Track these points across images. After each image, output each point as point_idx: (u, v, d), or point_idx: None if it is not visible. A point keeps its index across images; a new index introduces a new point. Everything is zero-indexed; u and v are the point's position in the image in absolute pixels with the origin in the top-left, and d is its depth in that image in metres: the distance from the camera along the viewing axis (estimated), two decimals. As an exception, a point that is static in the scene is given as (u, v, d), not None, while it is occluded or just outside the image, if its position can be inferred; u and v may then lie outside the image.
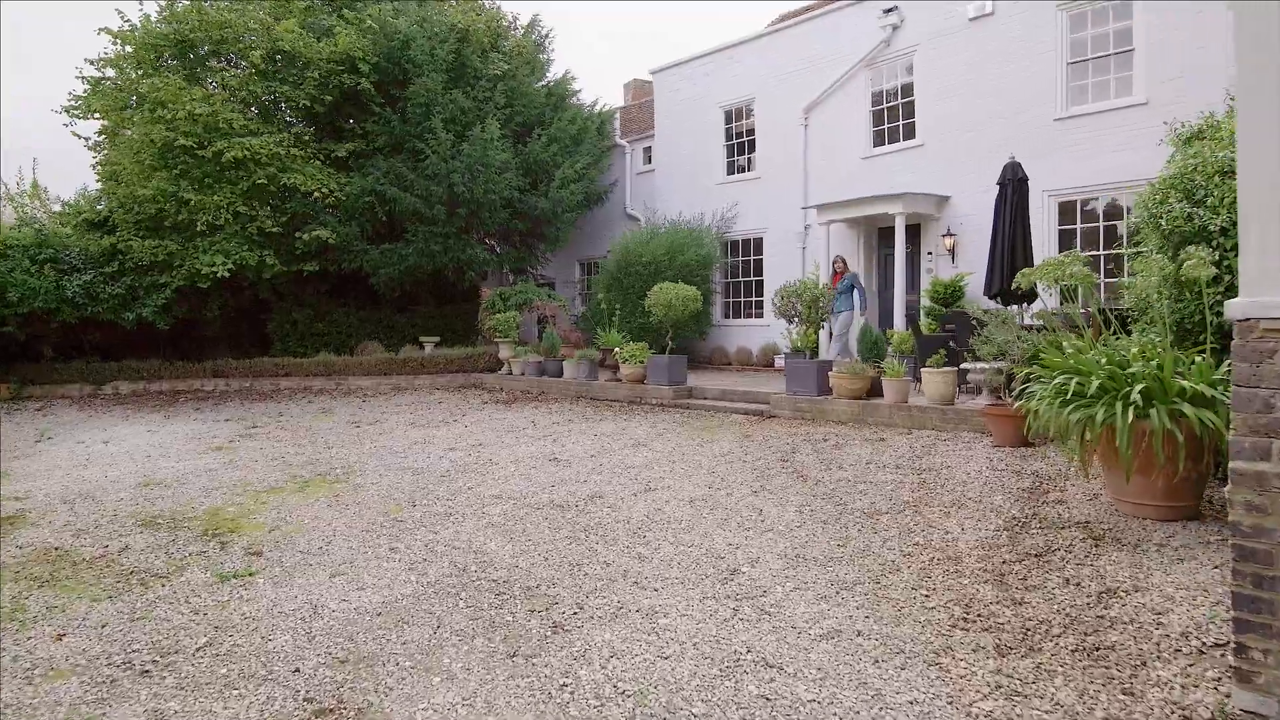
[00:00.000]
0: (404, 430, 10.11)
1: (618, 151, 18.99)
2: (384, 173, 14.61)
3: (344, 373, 15.11)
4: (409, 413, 11.80)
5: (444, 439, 9.26)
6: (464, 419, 10.91)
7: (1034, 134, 11.80)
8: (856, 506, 5.51)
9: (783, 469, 6.79)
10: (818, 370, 9.37)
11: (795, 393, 9.51)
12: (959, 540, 4.70)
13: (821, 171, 14.72)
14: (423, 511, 5.97)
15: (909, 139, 13.53)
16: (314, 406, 12.97)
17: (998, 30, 12.21)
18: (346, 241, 14.61)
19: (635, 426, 9.47)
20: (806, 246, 15.04)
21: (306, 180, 13.76)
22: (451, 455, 8.17)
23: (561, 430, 9.47)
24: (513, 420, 10.56)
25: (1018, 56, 11.99)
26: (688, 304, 11.32)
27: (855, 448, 7.46)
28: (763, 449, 7.69)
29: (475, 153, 14.10)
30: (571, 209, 16.15)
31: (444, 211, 14.53)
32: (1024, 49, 11.92)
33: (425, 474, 7.31)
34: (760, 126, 15.81)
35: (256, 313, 17.07)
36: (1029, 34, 11.85)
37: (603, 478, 6.81)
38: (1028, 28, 11.85)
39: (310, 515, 6.03)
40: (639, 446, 8.16)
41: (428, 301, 17.39)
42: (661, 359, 11.33)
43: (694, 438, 8.52)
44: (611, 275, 15.56)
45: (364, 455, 8.44)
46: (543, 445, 8.51)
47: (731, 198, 16.28)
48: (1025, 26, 11.88)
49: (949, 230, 12.82)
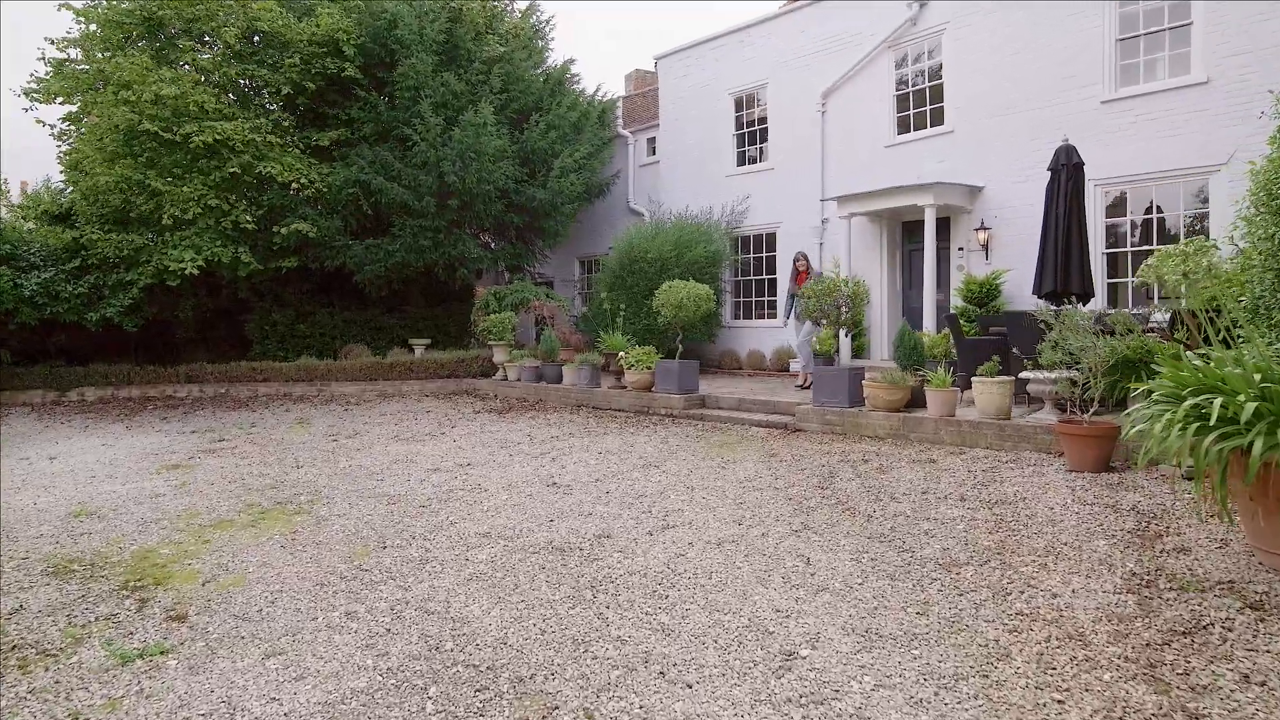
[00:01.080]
0: (385, 445, 9.06)
1: (620, 143, 17.95)
2: (369, 162, 13.55)
3: (326, 378, 14.05)
4: (393, 423, 10.74)
5: (428, 457, 8.21)
6: (453, 431, 9.86)
7: (1078, 118, 10.77)
8: (927, 554, 4.46)
9: (823, 499, 5.75)
10: (850, 379, 8.33)
11: (823, 404, 8.47)
12: (1074, 607, 3.66)
13: (840, 161, 13.68)
14: (394, 556, 4.92)
15: (937, 125, 12.49)
16: (291, 416, 11.91)
17: (1037, 5, 11.17)
18: (328, 236, 13.55)
19: (644, 442, 8.42)
20: (824, 242, 13.99)
21: (284, 170, 12.70)
22: (435, 478, 7.12)
23: (561, 446, 8.42)
24: (506, 433, 9.50)
25: (1060, 34, 10.96)
26: (700, 304, 10.28)
27: (904, 471, 6.42)
28: (794, 472, 6.64)
29: (467, 139, 13.04)
30: (571, 201, 15.10)
31: (434, 203, 13.48)
32: (1067, 25, 10.89)
33: (402, 503, 6.26)
34: (773, 114, 14.77)
35: (235, 313, 16.01)
36: (1073, 9, 10.81)
37: (610, 509, 5.77)
38: (1071, 1, 10.82)
39: (258, 560, 4.97)
40: (650, 468, 7.12)
41: (418, 302, 16.33)
42: (671, 364, 10.29)
43: (712, 457, 7.48)
44: (614, 273, 14.52)
45: (336, 477, 7.38)
46: (539, 465, 7.46)
47: (742, 190, 15.24)
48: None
49: (982, 223, 11.78)
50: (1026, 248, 11.29)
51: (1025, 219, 11.37)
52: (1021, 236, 11.41)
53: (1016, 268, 11.33)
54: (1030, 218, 11.32)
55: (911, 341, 8.28)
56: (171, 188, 12.33)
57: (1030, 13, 11.22)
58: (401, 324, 16.08)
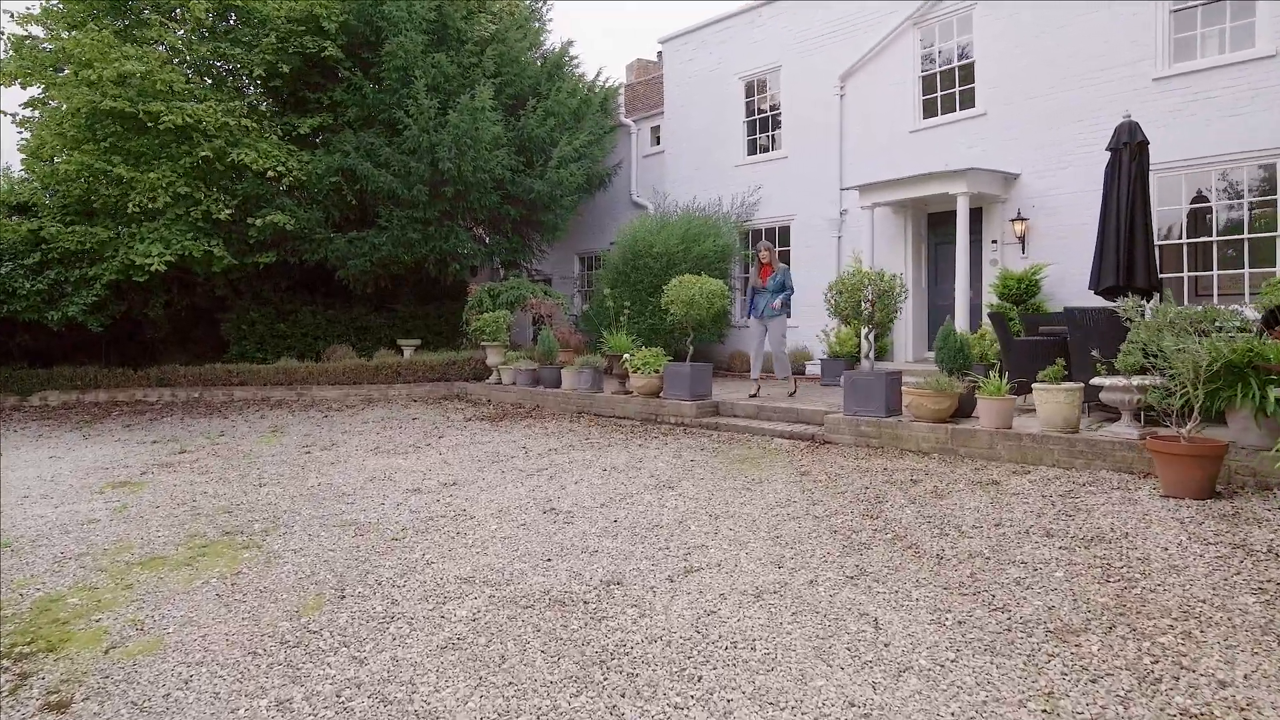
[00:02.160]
0: (362, 459, 8.08)
1: (622, 132, 16.98)
2: (355, 147, 12.55)
3: (307, 381, 13.07)
4: (375, 432, 9.76)
5: (409, 473, 7.23)
6: (439, 442, 8.88)
7: (1126, 98, 9.79)
8: (1027, 614, 3.50)
9: (875, 531, 4.78)
10: (887, 384, 7.36)
11: (856, 413, 7.51)
12: (1259, 704, 2.69)
13: (860, 148, 12.72)
14: (352, 611, 3.94)
15: (967, 108, 11.54)
16: (265, 423, 10.93)
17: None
18: (307, 228, 12.56)
19: (654, 456, 7.46)
20: (842, 235, 13.04)
21: (260, 157, 11.70)
22: (414, 501, 6.14)
23: (560, 461, 7.44)
24: (499, 444, 8.53)
25: (1104, 5, 10.00)
26: (713, 301, 9.31)
27: (964, 495, 5.45)
28: (833, 495, 5.67)
29: (464, 124, 12.05)
30: (571, 192, 14.12)
31: (426, 193, 12.49)
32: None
33: (373, 534, 5.28)
34: (787, 99, 13.81)
35: (213, 312, 15.01)
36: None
37: (620, 544, 4.79)
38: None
39: (184, 614, 4.00)
40: (663, 489, 6.15)
41: (408, 300, 15.34)
42: (682, 368, 9.32)
43: (734, 475, 6.51)
44: (617, 269, 13.56)
45: (301, 499, 6.40)
46: (535, 485, 6.49)
47: (753, 181, 14.28)
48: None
49: (1019, 214, 10.82)
50: (1068, 240, 10.37)
51: (1067, 209, 10.43)
52: (1062, 228, 10.47)
53: (1058, 262, 10.39)
54: (1072, 207, 10.39)
55: (956, 343, 7.31)
56: (138, 174, 11.32)
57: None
58: (390, 323, 15.10)
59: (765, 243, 9.78)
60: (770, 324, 9.48)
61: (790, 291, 9.53)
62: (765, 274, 9.51)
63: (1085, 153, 10.17)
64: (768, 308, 9.39)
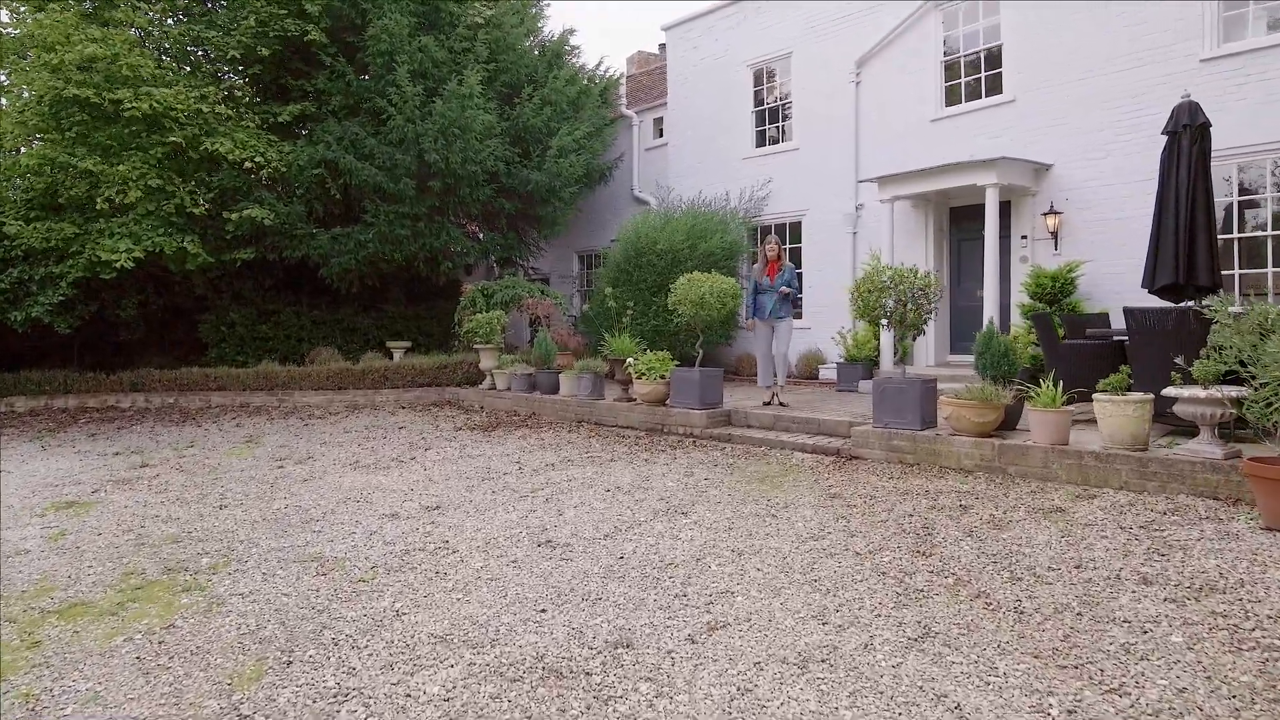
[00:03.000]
0: (339, 475, 7.30)
1: (623, 125, 16.22)
2: (337, 138, 11.79)
3: (289, 386, 12.29)
4: (357, 444, 8.99)
5: (389, 493, 6.46)
6: (426, 455, 8.11)
7: (1172, 80, 9.05)
8: (1153, 699, 2.73)
9: (932, 574, 4.01)
10: (922, 394, 6.60)
11: (887, 424, 6.74)
12: None
13: (877, 139, 11.97)
14: (297, 686, 3.17)
15: (994, 94, 10.78)
16: (240, 433, 10.15)
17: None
18: (288, 223, 11.78)
19: (662, 474, 6.69)
20: (858, 231, 12.28)
21: (236, 147, 10.91)
22: (390, 530, 5.37)
23: (558, 480, 6.67)
24: (490, 458, 7.76)
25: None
26: (725, 301, 8.54)
27: (1028, 527, 4.69)
28: (872, 524, 4.91)
29: (451, 112, 11.28)
30: (570, 185, 13.35)
31: (413, 186, 11.72)
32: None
33: (337, 572, 4.51)
34: (798, 87, 13.06)
35: (193, 312, 14.22)
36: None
37: (627, 588, 4.03)
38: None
39: (89, 689, 3.23)
40: (675, 514, 5.38)
41: (398, 300, 14.57)
42: (690, 374, 8.56)
43: (755, 497, 5.75)
44: (619, 267, 12.80)
45: (262, 525, 5.63)
46: (529, 509, 5.72)
47: (762, 174, 13.52)
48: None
49: (1051, 207, 10.06)
50: (1106, 235, 9.63)
51: (1104, 202, 9.68)
52: (1099, 222, 9.73)
53: (1095, 259, 9.64)
54: (1110, 200, 9.64)
55: (1000, 347, 6.55)
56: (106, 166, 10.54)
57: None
58: (378, 325, 14.32)
59: (774, 236, 9.01)
60: (778, 325, 8.71)
61: (796, 291, 8.78)
62: (772, 271, 8.73)
63: (1126, 141, 9.43)
64: (775, 307, 8.64)
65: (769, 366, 8.90)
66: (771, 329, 8.78)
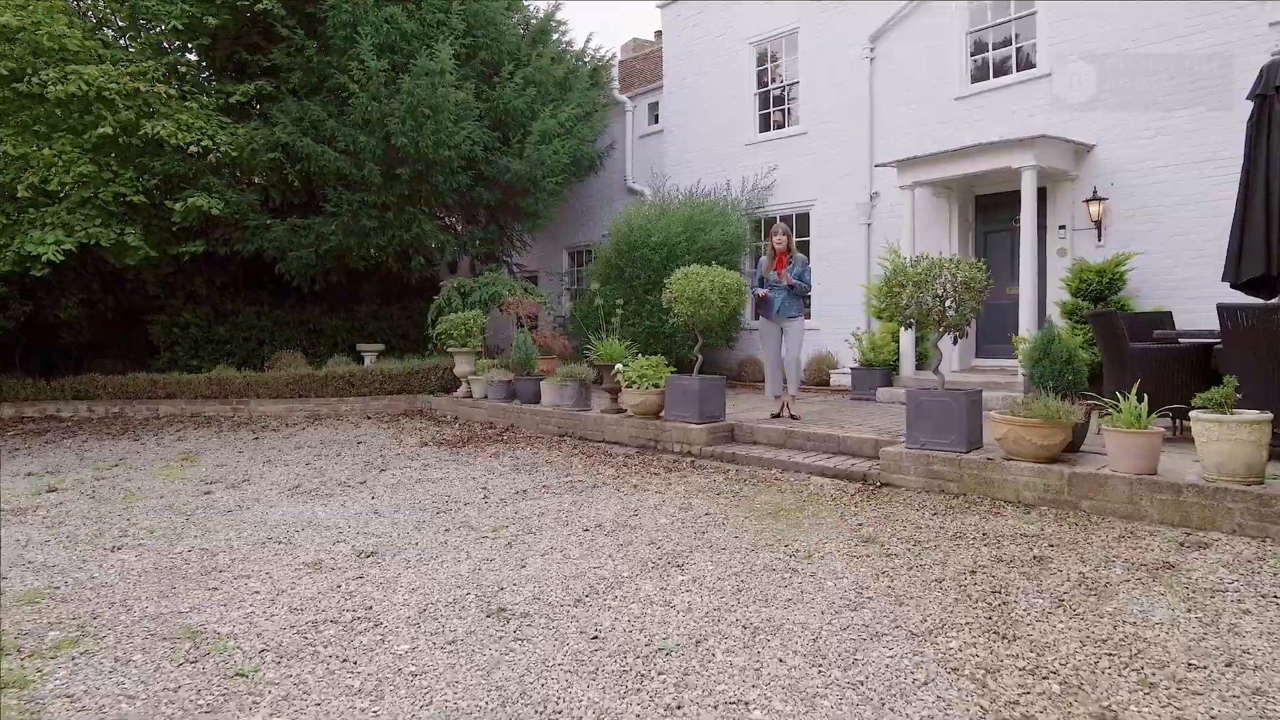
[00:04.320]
0: (270, 504, 6.15)
1: (616, 111, 15.08)
2: (295, 119, 10.63)
3: (244, 394, 11.13)
4: (305, 463, 7.84)
5: (323, 530, 5.31)
6: (379, 479, 6.96)
7: (1236, 46, 7.96)
8: None
9: (1026, 672, 2.87)
10: (967, 408, 5.47)
11: (924, 445, 5.61)
12: None
13: (894, 121, 10.85)
14: None
15: (1026, 68, 9.67)
16: (180, 447, 9.00)
17: (1174, -102, 8.38)
18: (239, 213, 10.62)
19: (654, 505, 5.55)
20: (872, 222, 11.16)
21: (179, 130, 9.75)
22: (305, 587, 4.22)
23: (528, 513, 5.53)
24: (453, 482, 6.62)
25: (1210, -67, 8.16)
26: (728, 298, 7.40)
27: (1136, 594, 3.54)
28: (924, 583, 3.78)
29: (420, 90, 10.13)
30: (555, 174, 12.20)
31: (378, 173, 10.57)
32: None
33: (212, 659, 3.35)
34: (806, 66, 11.94)
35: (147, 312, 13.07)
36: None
37: (600, 695, 2.88)
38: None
39: None
40: (668, 567, 4.24)
41: (370, 299, 13.43)
42: (688, 382, 7.42)
43: (768, 540, 4.61)
44: (610, 262, 11.68)
45: (151, 576, 4.47)
46: (486, 556, 4.57)
47: (766, 161, 12.40)
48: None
49: (1095, 193, 8.94)
50: (1158, 224, 8.54)
51: (1155, 186, 8.58)
52: (1150, 209, 8.63)
53: (1147, 250, 8.53)
54: (1163, 183, 8.53)
55: (1063, 353, 5.42)
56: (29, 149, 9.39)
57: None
58: (349, 326, 13.18)
59: (782, 225, 7.79)
60: (788, 326, 7.56)
61: (807, 285, 7.62)
62: (780, 264, 7.58)
63: (1184, 116, 8.32)
64: (784, 305, 7.50)
65: (778, 374, 7.75)
66: (780, 330, 7.64)
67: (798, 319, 7.57)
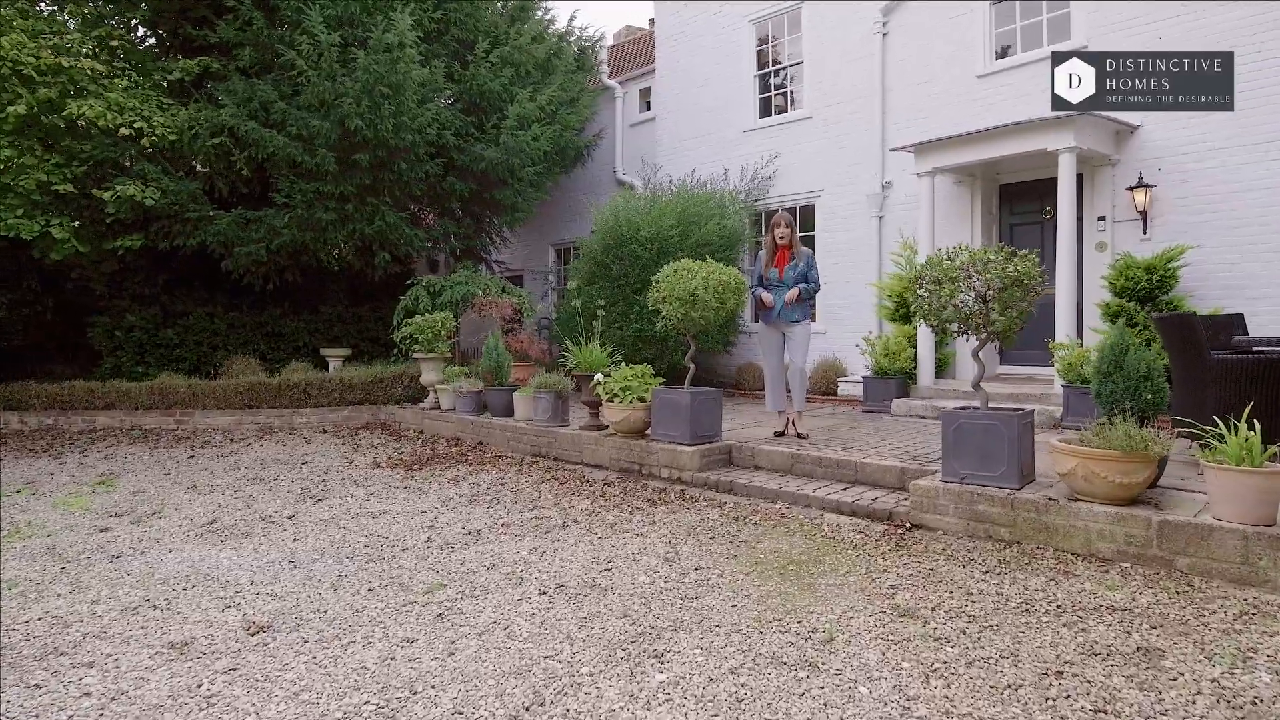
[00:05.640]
0: (172, 546, 5.08)
1: (605, 98, 14.05)
2: (242, 101, 9.56)
3: (190, 404, 10.05)
4: (235, 488, 6.78)
5: (219, 586, 4.24)
6: (312, 511, 5.90)
7: (1308, 9, 6.93)
8: None
9: None
10: (1018, 432, 4.42)
11: (965, 478, 4.56)
12: None
13: (909, 102, 9.82)
14: None
15: (1060, 40, 8.63)
16: (103, 468, 7.93)
17: None
18: (178, 204, 9.53)
19: (633, 556, 4.49)
20: (885, 215, 10.11)
21: (108, 110, 8.68)
22: (153, 688, 3.14)
23: (476, 565, 4.46)
24: (397, 518, 5.55)
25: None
26: (725, 297, 6.32)
27: (1302, 716, 2.50)
28: (996, 697, 2.72)
29: (377, 66, 9.06)
30: (534, 162, 11.13)
31: (333, 160, 9.49)
32: None
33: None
34: (811, 43, 10.90)
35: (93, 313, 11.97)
36: None
37: None
38: None
39: None
40: (646, 658, 3.18)
41: (336, 298, 12.36)
42: (678, 396, 6.36)
43: (775, 613, 3.55)
44: (595, 259, 10.62)
45: (-37, 665, 3.41)
46: (408, 636, 3.49)
47: (767, 149, 11.36)
48: None
49: (1140, 179, 7.91)
50: (1216, 213, 7.51)
51: (1210, 171, 7.55)
52: (1203, 197, 7.60)
53: (1201, 244, 7.50)
54: (1220, 168, 7.49)
55: (1140, 366, 4.37)
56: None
57: None
58: (313, 329, 12.09)
59: (785, 214, 6.70)
60: (792, 331, 6.49)
61: (815, 286, 6.56)
62: (783, 260, 6.52)
63: (1246, 88, 7.28)
64: (786, 308, 6.44)
65: (780, 385, 6.69)
66: (783, 336, 6.58)
67: (802, 323, 6.51)
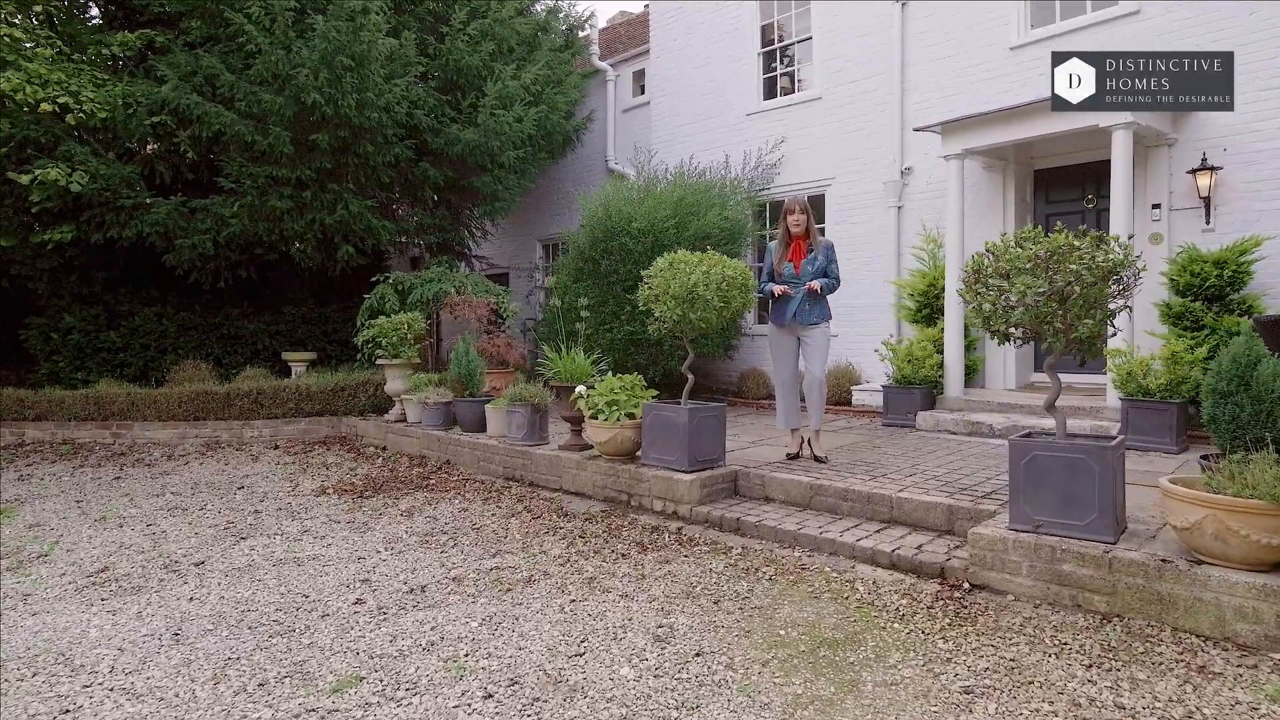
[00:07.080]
0: (36, 607, 4.05)
1: (596, 82, 13.03)
2: (186, 74, 8.52)
3: (129, 415, 8.99)
4: (148, 520, 5.74)
5: (62, 677, 3.21)
6: (232, 553, 4.86)
7: None
8: None
9: None
10: (1114, 470, 3.41)
11: (1041, 526, 3.55)
12: None
13: (932, 78, 8.80)
14: None
15: (1104, 6, 7.63)
16: (11, 492, 6.88)
17: None
18: (110, 189, 8.48)
19: (614, 633, 3.46)
20: (904, 204, 9.10)
21: (27, 83, 7.62)
22: None
23: (410, 641, 3.43)
24: (330, 565, 4.52)
25: None
26: (729, 296, 5.30)
27: None
28: None
29: (339, 35, 8.02)
30: (516, 146, 10.09)
31: (288, 140, 8.44)
32: None
33: None
34: (821, 16, 9.88)
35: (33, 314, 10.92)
36: None
37: None
38: None
39: None
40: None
41: (301, 297, 11.31)
42: (674, 413, 5.32)
43: (809, 733, 2.53)
44: (583, 254, 9.59)
45: None
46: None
47: (772, 134, 10.33)
48: None
49: (1204, 160, 6.90)
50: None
51: None
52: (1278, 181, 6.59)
53: (1274, 234, 6.49)
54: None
55: (1274, 384, 3.36)
56: None
57: None
58: (273, 330, 11.04)
59: (800, 199, 5.66)
60: (809, 335, 5.45)
61: (835, 282, 5.53)
62: (798, 253, 5.50)
63: (1336, 54, 6.29)
64: (803, 308, 5.42)
65: (793, 398, 5.67)
66: (798, 341, 5.56)
67: (821, 326, 5.48)
